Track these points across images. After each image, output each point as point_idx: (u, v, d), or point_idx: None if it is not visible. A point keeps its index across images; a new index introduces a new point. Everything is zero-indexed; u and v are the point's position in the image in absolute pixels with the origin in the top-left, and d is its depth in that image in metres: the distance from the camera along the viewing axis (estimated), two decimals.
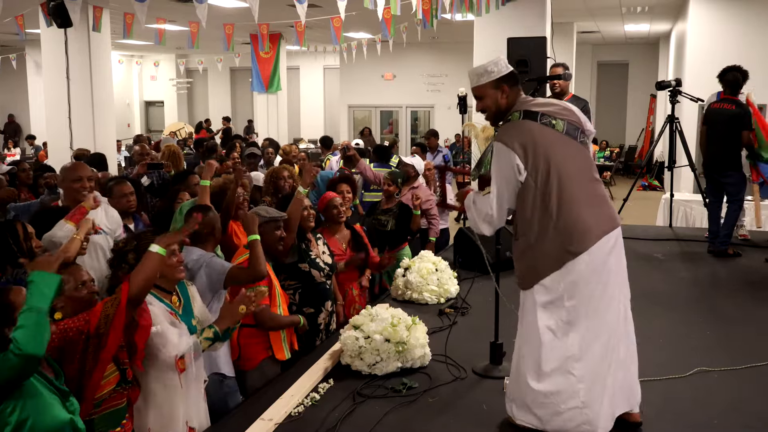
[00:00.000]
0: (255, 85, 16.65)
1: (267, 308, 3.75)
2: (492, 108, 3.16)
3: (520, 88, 3.20)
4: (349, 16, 7.72)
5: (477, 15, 9.40)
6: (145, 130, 23.87)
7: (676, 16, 14.65)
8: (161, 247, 2.85)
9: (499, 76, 3.11)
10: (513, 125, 3.10)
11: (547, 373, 2.99)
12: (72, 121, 9.78)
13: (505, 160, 3.02)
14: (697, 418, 3.33)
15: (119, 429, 2.83)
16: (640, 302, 5.02)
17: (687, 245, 7.05)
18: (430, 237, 6.35)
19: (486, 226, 3.15)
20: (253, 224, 3.63)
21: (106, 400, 2.77)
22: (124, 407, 2.85)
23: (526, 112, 3.10)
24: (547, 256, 2.97)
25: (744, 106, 6.58)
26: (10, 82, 19.74)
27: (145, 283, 2.78)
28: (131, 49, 21.96)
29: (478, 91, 3.17)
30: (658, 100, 17.58)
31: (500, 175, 3.05)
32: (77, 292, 2.90)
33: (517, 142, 3.01)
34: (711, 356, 4.02)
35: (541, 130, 3.06)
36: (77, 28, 8.92)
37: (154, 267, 2.83)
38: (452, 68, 19.35)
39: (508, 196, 3.06)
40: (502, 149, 3.04)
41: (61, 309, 2.82)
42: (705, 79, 9.88)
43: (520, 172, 3.00)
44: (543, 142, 3.02)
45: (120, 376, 2.80)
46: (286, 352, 3.91)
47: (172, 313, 3.08)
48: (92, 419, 2.74)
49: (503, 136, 3.07)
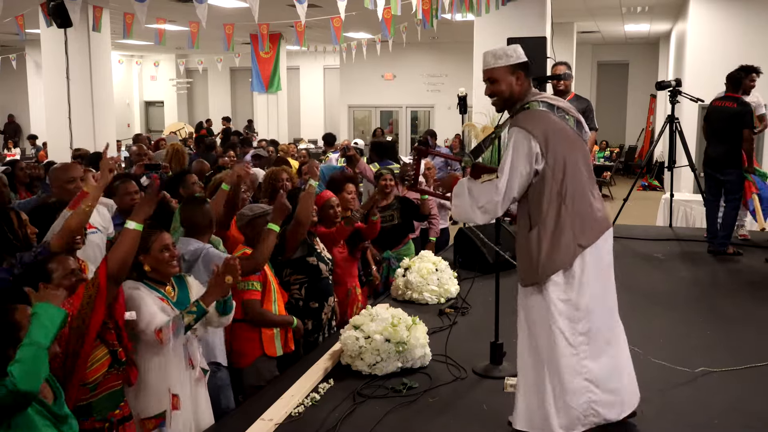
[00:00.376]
0: (255, 85, 16.65)
1: (257, 302, 3.76)
2: (505, 92, 3.08)
3: (530, 79, 3.16)
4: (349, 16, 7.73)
5: (477, 15, 9.42)
6: (145, 130, 23.86)
7: (676, 16, 14.64)
8: (136, 222, 2.89)
9: (517, 61, 3.07)
10: (535, 113, 3.04)
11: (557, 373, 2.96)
12: (72, 121, 9.80)
13: (524, 146, 2.95)
14: (698, 418, 3.33)
15: (118, 411, 2.85)
16: (641, 302, 5.05)
17: (687, 245, 7.05)
18: (431, 237, 6.34)
19: (482, 214, 3.06)
20: (281, 213, 3.66)
21: (101, 383, 2.78)
22: (120, 389, 2.87)
23: (545, 102, 3.07)
24: (563, 250, 2.94)
25: (746, 104, 6.57)
26: (10, 82, 19.73)
27: (123, 259, 2.83)
28: (131, 49, 21.96)
29: (492, 73, 3.08)
30: (658, 100, 17.58)
31: (517, 161, 2.97)
32: (66, 281, 2.87)
33: (539, 129, 2.96)
34: (711, 356, 4.02)
35: (559, 122, 3.04)
36: (77, 28, 8.93)
37: (131, 243, 2.87)
38: (452, 68, 19.35)
39: (520, 183, 2.98)
40: (522, 135, 2.97)
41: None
42: (705, 79, 9.92)
43: (538, 161, 2.95)
44: (560, 135, 3.00)
45: (111, 358, 2.81)
46: (278, 348, 3.87)
47: (163, 299, 3.09)
48: (90, 403, 2.76)
49: (525, 123, 3.00)
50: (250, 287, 3.73)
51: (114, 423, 2.83)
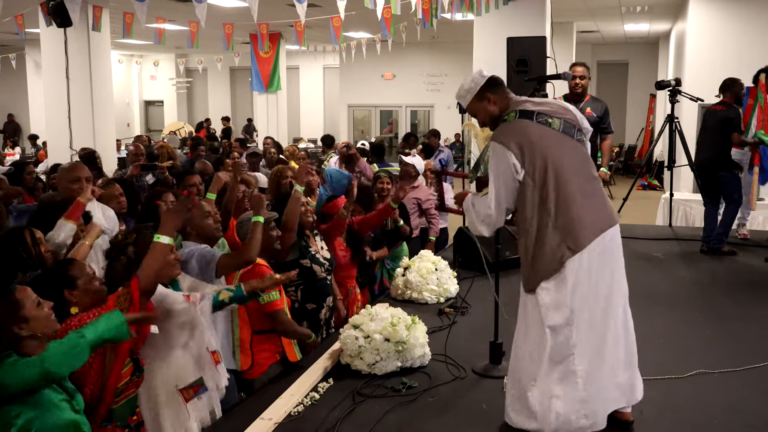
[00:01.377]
0: (254, 85, 16.65)
1: (283, 312, 3.76)
2: (486, 119, 3.26)
3: (506, 89, 3.23)
4: (348, 16, 7.72)
5: (477, 14, 9.41)
6: (144, 129, 23.89)
7: (676, 15, 14.65)
8: (166, 236, 2.89)
9: (478, 88, 3.19)
10: (509, 125, 3.12)
11: (548, 374, 2.97)
12: (72, 121, 9.80)
13: (502, 159, 3.03)
14: (698, 418, 3.33)
15: (135, 417, 2.88)
16: (640, 302, 5.03)
17: (687, 245, 7.05)
18: (430, 236, 6.35)
19: (484, 227, 3.16)
20: (260, 206, 3.67)
21: (123, 391, 2.81)
22: (136, 396, 2.90)
23: (522, 111, 3.11)
24: (547, 256, 2.96)
25: (734, 109, 6.58)
26: (10, 82, 19.74)
27: (156, 274, 2.85)
28: (131, 49, 21.96)
29: (469, 109, 3.29)
30: (658, 100, 17.58)
31: (498, 174, 3.06)
32: (90, 285, 2.92)
33: (513, 142, 3.02)
34: (711, 356, 4.02)
35: (537, 128, 3.07)
36: (77, 28, 8.93)
37: (160, 257, 2.88)
38: (452, 68, 19.36)
39: (506, 195, 3.06)
40: (498, 149, 3.05)
41: (76, 304, 2.84)
42: (705, 78, 9.91)
43: (517, 171, 3.01)
44: (539, 140, 3.03)
45: (134, 366, 2.84)
46: (297, 353, 3.91)
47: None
48: (112, 410, 2.77)
49: (499, 136, 3.08)
50: (272, 299, 3.70)
51: (133, 428, 2.86)
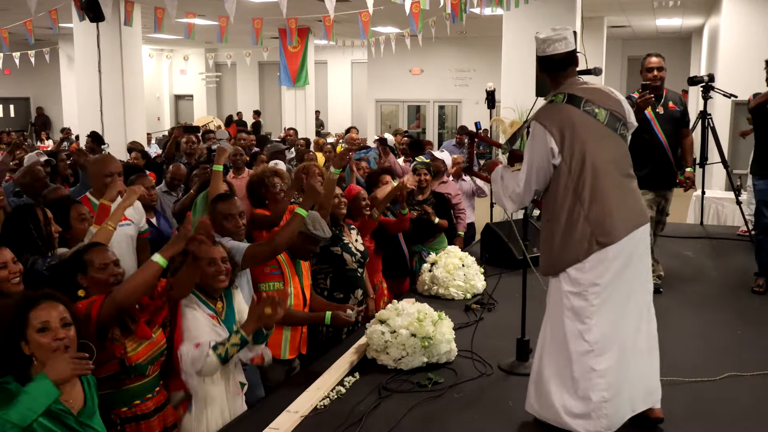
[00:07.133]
0: (283, 80, 16.72)
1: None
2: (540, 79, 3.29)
3: (575, 69, 3.12)
4: (377, 11, 7.71)
5: (506, 9, 9.34)
6: (174, 123, 24.09)
7: (709, 10, 14.39)
8: (163, 257, 2.74)
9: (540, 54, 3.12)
10: (553, 107, 3.05)
11: (569, 367, 2.95)
12: (103, 114, 9.95)
13: (540, 141, 2.98)
14: (725, 421, 3.28)
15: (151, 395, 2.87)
16: (670, 301, 4.99)
17: (718, 243, 6.94)
18: (459, 231, 6.32)
19: (510, 203, 3.16)
20: (312, 197, 3.65)
21: (152, 367, 2.85)
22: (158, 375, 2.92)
23: (570, 96, 3.03)
24: (575, 245, 2.93)
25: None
26: (44, 76, 20.08)
27: (133, 292, 2.69)
28: (161, 44, 22.17)
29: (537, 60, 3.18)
30: (690, 96, 17.30)
31: (533, 155, 3.01)
32: (98, 274, 2.85)
33: (555, 126, 2.96)
34: (741, 358, 3.96)
35: (581, 117, 3.00)
36: (109, 23, 9.06)
37: (147, 278, 2.71)
38: (480, 63, 19.22)
39: (538, 177, 3.02)
40: (538, 130, 2.99)
41: (86, 288, 2.85)
42: (738, 74, 9.74)
43: (554, 156, 2.96)
44: (581, 130, 2.97)
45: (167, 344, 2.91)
46: (284, 351, 3.82)
47: (213, 317, 3.10)
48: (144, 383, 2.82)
49: (542, 117, 3.01)
50: (271, 289, 3.71)
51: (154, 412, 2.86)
